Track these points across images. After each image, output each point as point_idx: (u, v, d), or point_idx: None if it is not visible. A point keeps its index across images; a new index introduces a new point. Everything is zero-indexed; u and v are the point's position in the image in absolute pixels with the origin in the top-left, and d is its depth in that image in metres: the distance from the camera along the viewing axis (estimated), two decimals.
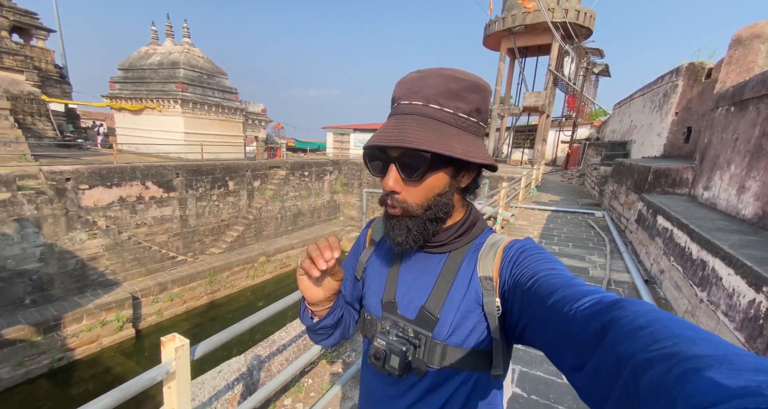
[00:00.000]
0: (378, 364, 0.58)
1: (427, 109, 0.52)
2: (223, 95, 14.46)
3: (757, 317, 1.71)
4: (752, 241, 2.30)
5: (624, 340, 0.30)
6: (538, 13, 15.33)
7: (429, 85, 0.52)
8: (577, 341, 0.36)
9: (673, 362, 0.24)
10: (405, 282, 0.62)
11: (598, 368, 0.32)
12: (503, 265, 0.54)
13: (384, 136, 0.51)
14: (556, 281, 0.44)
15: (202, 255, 11.53)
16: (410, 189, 0.54)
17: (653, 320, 0.30)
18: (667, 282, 3.09)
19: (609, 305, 0.35)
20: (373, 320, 0.65)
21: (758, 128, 2.93)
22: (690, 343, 0.26)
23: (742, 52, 3.97)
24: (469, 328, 0.55)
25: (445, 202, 0.56)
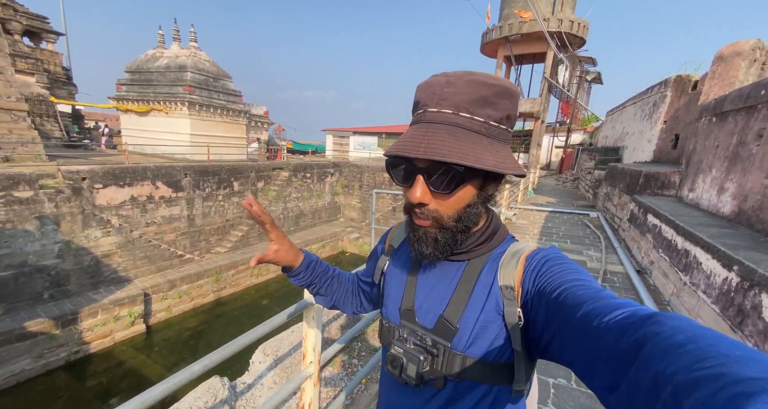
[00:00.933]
0: (395, 372, 0.58)
1: (458, 118, 0.50)
2: (228, 98, 14.74)
3: (729, 291, 2.12)
4: (728, 233, 2.73)
5: (662, 357, 0.28)
6: (534, 22, 15.93)
7: (459, 92, 0.50)
8: (607, 358, 0.34)
9: (721, 383, 0.23)
10: (424, 290, 0.61)
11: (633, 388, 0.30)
12: (526, 274, 0.52)
13: (411, 146, 0.49)
14: (584, 292, 0.42)
15: (208, 254, 11.77)
16: (440, 201, 0.53)
17: (695, 337, 0.27)
18: (656, 271, 3.52)
19: (643, 319, 0.33)
20: (391, 328, 0.63)
21: (735, 137, 3.38)
22: (740, 364, 0.24)
23: (724, 68, 4.46)
24: (490, 339, 0.53)
25: (475, 213, 0.55)
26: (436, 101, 0.50)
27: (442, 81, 0.51)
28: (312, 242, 14.77)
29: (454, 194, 0.52)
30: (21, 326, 6.90)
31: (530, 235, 5.46)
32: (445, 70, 0.55)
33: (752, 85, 3.16)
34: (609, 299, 0.39)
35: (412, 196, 0.52)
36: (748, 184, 2.97)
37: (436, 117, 0.50)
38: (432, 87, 0.52)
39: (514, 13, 16.38)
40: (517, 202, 7.88)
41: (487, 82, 0.50)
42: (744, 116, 3.24)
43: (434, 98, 0.51)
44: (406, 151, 0.49)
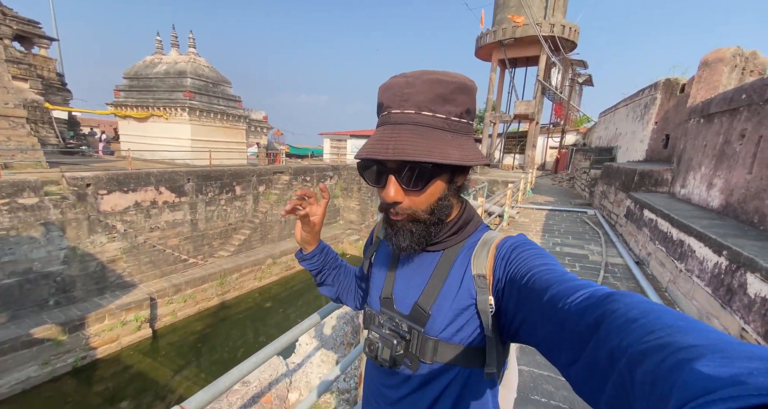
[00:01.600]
0: (371, 355, 0.61)
1: (420, 117, 0.52)
2: (228, 103, 14.87)
3: (719, 274, 2.35)
4: (717, 224, 2.97)
5: (617, 332, 0.30)
6: (527, 27, 16.34)
7: (418, 91, 0.52)
8: (571, 336, 0.36)
9: (666, 352, 0.25)
10: (402, 279, 0.64)
11: (592, 360, 0.32)
12: (496, 263, 0.55)
13: (380, 148, 0.51)
14: (549, 276, 0.44)
15: (211, 258, 11.83)
16: (413, 198, 0.55)
17: (645, 312, 0.30)
18: (654, 262, 3.76)
19: (601, 299, 0.35)
20: (372, 314, 0.67)
21: (721, 137, 3.64)
22: (682, 333, 0.26)
23: (708, 73, 4.75)
24: (461, 324, 0.56)
25: (446, 205, 0.57)
26: (398, 102, 0.52)
27: (402, 82, 0.53)
28: None
29: (425, 190, 0.54)
30: (27, 333, 6.93)
31: (533, 232, 5.70)
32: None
33: (735, 89, 3.43)
34: (571, 282, 0.41)
35: (386, 196, 0.54)
36: (733, 180, 3.23)
37: (400, 118, 0.52)
38: (392, 88, 0.54)
39: (508, 17, 16.78)
40: (518, 202, 8.13)
41: (444, 79, 0.52)
42: (728, 118, 3.51)
43: (396, 99, 0.53)
44: (375, 154, 0.51)
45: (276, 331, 11.00)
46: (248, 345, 10.06)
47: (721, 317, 2.28)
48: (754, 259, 1.99)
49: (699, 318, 2.61)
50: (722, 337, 0.25)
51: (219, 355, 9.44)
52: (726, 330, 2.22)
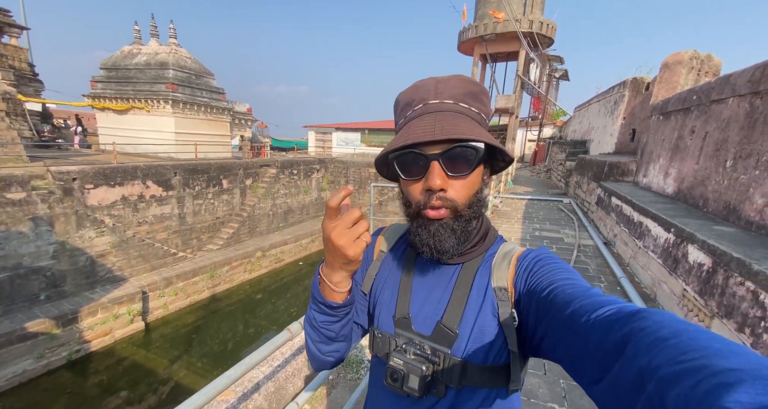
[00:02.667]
0: (396, 385, 0.55)
1: (459, 107, 0.52)
2: (211, 95, 14.65)
3: (668, 247, 2.85)
4: (670, 207, 3.50)
5: (647, 352, 0.28)
6: (507, 23, 16.84)
7: (453, 86, 0.53)
8: (595, 353, 0.35)
9: (702, 375, 0.23)
10: (418, 296, 0.60)
11: (619, 380, 0.31)
12: (518, 275, 0.53)
13: (423, 132, 0.49)
14: (573, 291, 0.43)
15: (200, 252, 11.85)
16: (455, 187, 0.53)
17: (678, 332, 0.28)
18: (619, 242, 4.31)
19: (629, 315, 0.34)
20: (385, 338, 0.61)
21: (676, 132, 4.19)
22: (719, 356, 0.24)
23: (668, 74, 5.33)
24: (488, 342, 0.53)
25: (482, 200, 0.56)
26: (434, 95, 0.52)
27: (432, 82, 0.54)
28: (303, 236, 15.09)
29: (469, 177, 0.52)
30: (21, 327, 6.92)
31: (515, 219, 6.22)
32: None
33: (687, 91, 3.97)
34: (596, 297, 0.40)
35: (431, 183, 0.51)
36: (684, 170, 3.78)
37: (441, 106, 0.52)
38: (423, 87, 0.54)
39: (489, 13, 17.23)
40: (500, 192, 8.67)
41: (473, 81, 0.55)
42: (682, 116, 4.05)
43: (431, 93, 0.53)
44: (420, 138, 0.48)
45: (266, 322, 11.23)
46: (238, 338, 10.27)
47: (668, 282, 2.79)
48: (693, 233, 2.48)
49: (651, 283, 3.14)
50: (763, 361, 0.24)
51: (209, 347, 9.60)
52: (672, 291, 2.74)
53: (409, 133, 0.51)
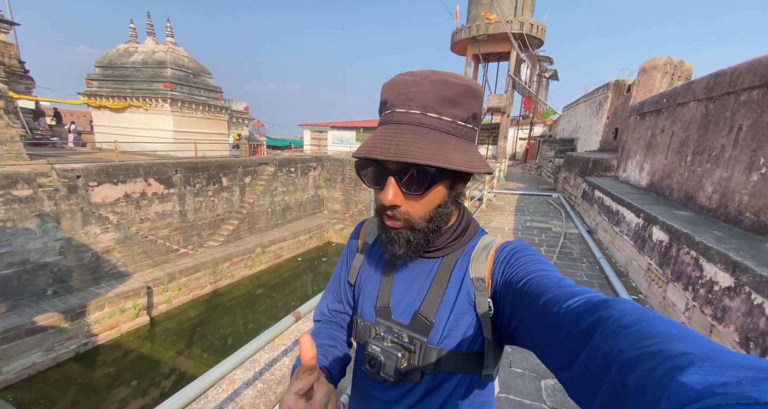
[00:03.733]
0: (373, 371, 0.58)
1: (425, 118, 0.50)
2: (209, 94, 14.82)
3: (638, 230, 3.30)
4: (642, 197, 3.96)
5: (611, 338, 0.30)
6: (498, 24, 17.33)
7: (425, 92, 0.50)
8: (566, 341, 0.37)
9: (658, 359, 0.25)
10: (399, 287, 0.62)
11: (586, 365, 0.33)
12: (495, 266, 0.55)
13: (381, 148, 0.49)
14: (546, 281, 0.45)
15: (201, 248, 12.08)
16: (411, 202, 0.53)
17: (639, 319, 0.30)
18: (600, 229, 4.77)
19: (596, 305, 0.36)
20: (366, 326, 0.63)
21: (650, 131, 4.65)
22: (674, 341, 0.26)
23: (645, 78, 5.81)
24: (463, 330, 0.55)
25: (445, 213, 0.56)
26: (404, 101, 0.51)
27: (408, 80, 0.51)
28: (300, 233, 15.39)
29: (425, 195, 0.52)
30: (30, 321, 7.13)
31: (508, 212, 6.68)
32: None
33: (659, 94, 4.43)
34: (568, 288, 0.42)
35: (384, 199, 0.51)
36: (655, 165, 4.24)
37: (405, 118, 0.50)
38: (398, 86, 0.52)
39: (481, 14, 17.68)
40: (494, 188, 9.13)
41: (453, 81, 0.51)
42: (654, 116, 4.52)
43: (401, 98, 0.51)
44: (376, 153, 0.49)
45: (265, 318, 11.55)
46: (238, 332, 10.56)
47: (638, 259, 3.24)
48: (656, 216, 2.91)
49: (625, 261, 3.59)
50: (713, 346, 0.25)
51: (211, 341, 9.87)
52: (640, 266, 3.18)
53: (372, 144, 0.51)
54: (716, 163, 2.82)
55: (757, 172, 2.30)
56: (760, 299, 1.56)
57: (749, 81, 2.49)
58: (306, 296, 13.48)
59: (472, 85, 0.53)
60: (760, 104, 2.39)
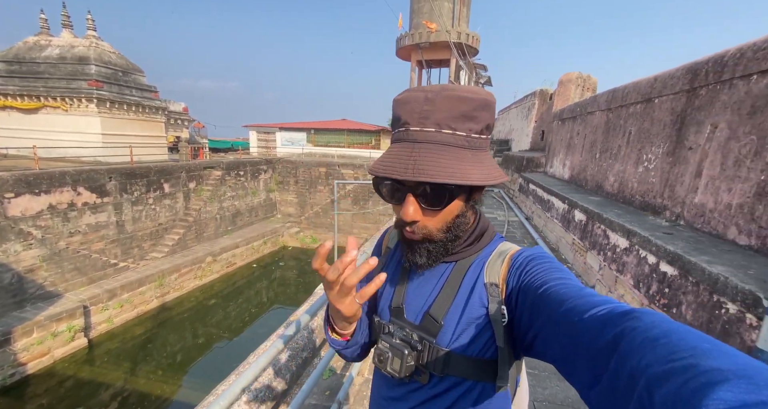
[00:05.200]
0: (381, 366, 0.60)
1: (440, 135, 0.51)
2: (142, 93, 13.67)
3: (564, 214, 4.09)
4: (566, 187, 4.85)
5: (638, 351, 0.29)
6: (439, 33, 18.54)
7: (439, 109, 0.51)
8: (588, 353, 0.35)
9: (689, 375, 0.24)
10: (413, 289, 0.64)
11: (613, 383, 0.31)
12: (510, 272, 0.54)
13: (399, 167, 0.50)
14: (566, 290, 0.43)
15: (143, 261, 11.15)
16: (430, 217, 0.54)
17: (668, 332, 0.29)
18: (535, 216, 5.65)
19: (621, 315, 0.34)
20: (380, 324, 0.66)
21: (569, 134, 5.65)
22: (707, 356, 0.25)
23: (563, 89, 6.93)
24: (473, 335, 0.55)
25: (463, 222, 0.57)
26: (417, 119, 0.51)
27: (421, 98, 0.52)
28: (253, 239, 14.90)
29: (444, 210, 0.54)
30: None
31: None
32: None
33: (574, 104, 5.42)
34: (589, 297, 0.40)
35: (404, 215, 0.53)
36: (574, 161, 5.19)
37: (420, 136, 0.51)
38: (410, 104, 0.52)
39: (423, 23, 18.76)
40: None
41: (466, 96, 0.51)
42: (571, 122, 5.51)
43: (415, 116, 0.52)
44: (395, 173, 0.50)
45: (217, 330, 11.06)
46: (187, 348, 10.04)
47: (565, 237, 4.03)
48: (577, 202, 3.69)
49: (556, 240, 4.40)
50: (750, 362, 0.24)
51: (158, 360, 9.26)
52: (567, 242, 3.96)
53: (388, 162, 0.52)
54: (615, 159, 3.68)
55: (642, 166, 3.12)
56: (644, 252, 2.25)
57: (634, 98, 3.34)
58: (262, 302, 13.14)
59: (485, 97, 0.53)
60: (642, 115, 3.23)
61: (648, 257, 2.26)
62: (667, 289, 2.03)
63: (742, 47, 2.07)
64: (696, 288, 1.79)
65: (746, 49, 2.03)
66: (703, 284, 1.73)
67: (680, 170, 2.64)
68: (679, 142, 2.66)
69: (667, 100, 2.84)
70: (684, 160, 2.60)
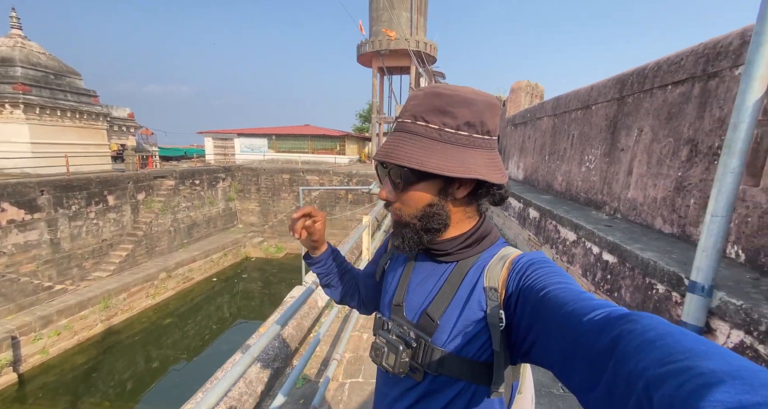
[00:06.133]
0: (377, 360, 0.63)
1: (414, 126, 0.55)
2: (79, 98, 12.51)
3: (520, 212, 4.37)
4: (521, 188, 5.17)
5: (635, 354, 0.29)
6: (398, 40, 19.02)
7: (418, 103, 0.55)
8: (586, 356, 0.36)
9: (686, 377, 0.24)
10: (413, 287, 0.65)
11: (611, 385, 0.31)
12: (510, 277, 0.54)
13: (380, 151, 0.57)
14: (565, 295, 0.43)
15: (84, 281, 10.11)
16: (401, 200, 0.59)
17: (663, 334, 0.29)
18: (495, 216, 5.96)
19: (618, 319, 0.35)
20: (381, 320, 0.68)
21: (521, 138, 6.05)
22: (703, 358, 0.25)
23: (514, 96, 7.41)
24: (470, 337, 0.55)
25: (436, 213, 0.57)
26: (402, 112, 0.58)
27: (412, 95, 0.58)
28: (212, 251, 14.10)
29: (410, 193, 0.57)
30: None
31: None
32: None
33: (524, 110, 5.83)
34: (588, 301, 0.41)
35: (380, 194, 0.61)
36: (527, 163, 5.57)
37: (399, 126, 0.58)
38: (407, 100, 0.59)
39: (382, 31, 19.14)
40: None
41: (443, 92, 0.54)
42: (523, 127, 5.91)
43: (402, 110, 0.58)
44: (375, 156, 0.58)
45: (173, 351, 10.30)
46: (139, 374, 9.27)
47: (522, 233, 4.29)
48: (531, 201, 3.95)
49: (514, 236, 4.67)
50: (745, 364, 0.25)
51: (103, 392, 8.45)
52: (523, 238, 4.22)
53: None
54: (562, 160, 4.00)
55: (584, 166, 3.43)
56: (589, 244, 2.47)
57: (575, 105, 3.67)
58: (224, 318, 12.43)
59: (466, 94, 0.54)
60: (582, 120, 3.56)
61: (593, 248, 2.47)
62: (609, 275, 2.23)
63: (659, 61, 2.38)
64: (632, 273, 2.00)
65: (662, 62, 2.33)
66: (638, 268, 1.93)
67: (615, 169, 2.94)
68: (613, 144, 2.97)
69: (602, 106, 3.16)
70: (618, 160, 2.90)
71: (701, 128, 1.96)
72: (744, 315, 1.25)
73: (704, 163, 1.92)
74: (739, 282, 1.45)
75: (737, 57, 1.70)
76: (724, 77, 1.80)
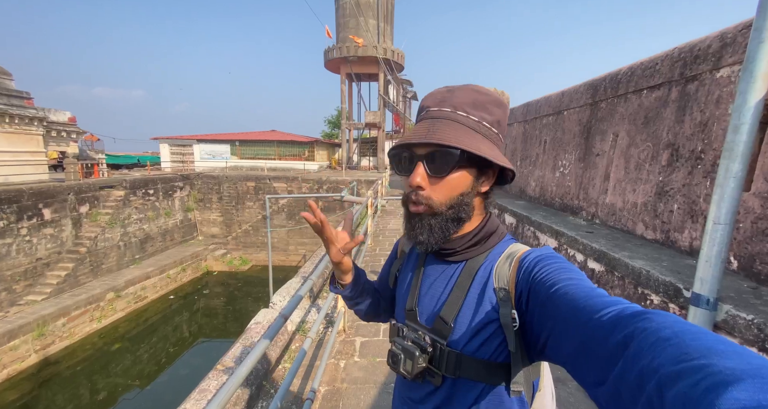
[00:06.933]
0: (395, 367, 0.62)
1: (455, 115, 0.55)
2: (9, 101, 11.17)
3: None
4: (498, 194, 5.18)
5: (648, 352, 0.29)
6: (366, 47, 19.01)
7: (457, 96, 0.56)
8: (598, 353, 0.35)
9: (702, 374, 0.23)
10: (425, 291, 0.64)
11: (620, 381, 0.31)
12: (519, 276, 0.53)
13: (416, 135, 0.55)
14: (577, 291, 0.43)
15: (14, 307, 8.84)
16: (435, 186, 0.56)
17: (680, 332, 0.29)
18: None
19: (632, 316, 0.34)
20: (396, 327, 0.68)
21: None
22: (720, 356, 0.25)
23: None
24: (484, 338, 0.55)
25: (466, 202, 0.57)
26: (437, 103, 0.58)
27: (444, 90, 0.59)
28: (169, 266, 13.00)
29: (448, 178, 0.55)
30: None
31: (398, 215, 7.44)
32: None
33: None
34: (601, 298, 0.40)
35: (411, 180, 0.56)
36: None
37: (437, 114, 0.57)
38: (435, 95, 0.59)
39: (349, 37, 19.04)
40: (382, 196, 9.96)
41: (482, 91, 0.58)
42: None
43: (435, 101, 0.58)
44: (410, 140, 0.55)
45: (124, 379, 9.28)
46: (83, 408, 8.23)
47: None
48: (506, 206, 3.91)
49: None
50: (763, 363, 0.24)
51: None
52: None
53: (408, 136, 0.57)
54: (535, 165, 4.00)
55: (558, 171, 3.42)
56: (572, 251, 2.39)
57: (546, 110, 3.68)
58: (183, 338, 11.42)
59: (499, 97, 0.59)
60: (554, 126, 3.56)
61: (576, 255, 2.39)
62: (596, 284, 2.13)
63: (632, 66, 2.38)
64: (622, 282, 1.91)
65: (636, 67, 2.33)
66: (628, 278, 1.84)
67: (591, 174, 2.91)
68: (587, 149, 2.96)
69: (575, 112, 3.17)
70: (593, 165, 2.88)
71: (681, 132, 1.94)
72: (757, 331, 1.16)
73: (686, 167, 1.89)
74: (740, 292, 1.38)
75: (717, 60, 1.69)
76: (704, 81, 1.79)
